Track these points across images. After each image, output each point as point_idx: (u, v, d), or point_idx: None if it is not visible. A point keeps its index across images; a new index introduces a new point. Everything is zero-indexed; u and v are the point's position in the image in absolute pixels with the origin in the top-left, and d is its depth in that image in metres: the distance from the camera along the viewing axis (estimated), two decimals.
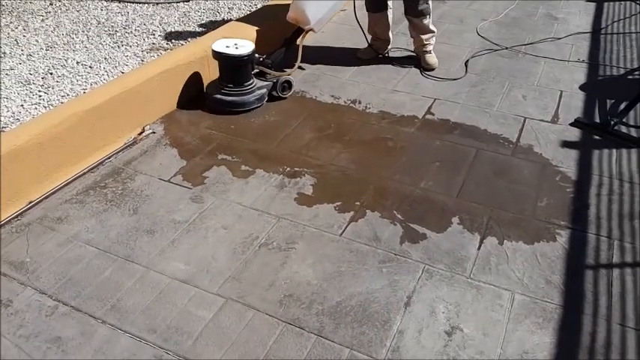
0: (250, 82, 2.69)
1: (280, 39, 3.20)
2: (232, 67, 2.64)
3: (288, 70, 2.85)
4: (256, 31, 3.01)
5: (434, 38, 3.11)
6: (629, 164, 2.34)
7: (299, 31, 2.89)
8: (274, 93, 2.77)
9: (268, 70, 2.76)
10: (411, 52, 3.21)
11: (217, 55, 2.61)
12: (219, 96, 2.66)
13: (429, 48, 3.11)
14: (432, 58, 3.11)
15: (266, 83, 2.74)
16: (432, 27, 3.07)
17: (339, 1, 2.89)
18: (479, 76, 3.04)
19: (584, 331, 1.63)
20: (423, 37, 3.07)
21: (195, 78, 2.78)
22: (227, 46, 2.60)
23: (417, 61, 3.16)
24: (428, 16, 3.01)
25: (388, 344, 1.59)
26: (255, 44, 3.02)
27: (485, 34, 3.51)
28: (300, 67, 3.00)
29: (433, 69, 3.10)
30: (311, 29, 2.87)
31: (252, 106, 2.69)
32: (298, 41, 2.91)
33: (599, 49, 3.35)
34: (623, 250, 1.91)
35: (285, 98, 2.79)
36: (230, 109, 2.66)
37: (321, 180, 2.25)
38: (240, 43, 2.64)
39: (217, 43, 2.63)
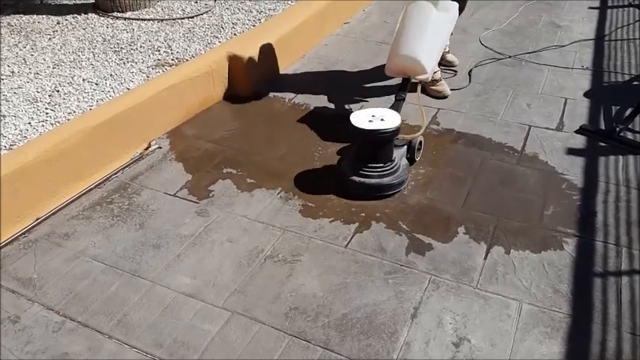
0: (394, 156, 2.23)
1: (287, 51, 3.24)
2: (380, 144, 2.17)
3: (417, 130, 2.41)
4: (264, 45, 3.04)
5: None
6: (635, 171, 2.33)
7: (405, 82, 2.53)
8: (408, 157, 2.33)
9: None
10: None
11: (364, 133, 2.12)
12: (365, 180, 2.19)
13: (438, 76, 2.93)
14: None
15: (401, 151, 2.29)
16: None
17: (443, 40, 2.52)
18: (483, 86, 3.04)
19: (594, 340, 1.61)
20: None
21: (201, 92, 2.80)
22: (370, 120, 2.14)
23: None
24: None
25: (395, 356, 1.58)
26: (265, 59, 3.05)
27: (488, 44, 3.51)
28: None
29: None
30: (426, 79, 2.53)
31: (402, 187, 2.24)
32: (415, 97, 2.54)
33: (603, 56, 3.34)
34: (632, 257, 1.90)
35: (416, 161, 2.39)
36: (376, 194, 2.20)
37: (327, 191, 2.25)
38: (378, 112, 2.20)
39: (354, 117, 2.16)
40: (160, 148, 2.56)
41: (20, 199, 2.05)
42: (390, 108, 2.32)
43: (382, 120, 2.15)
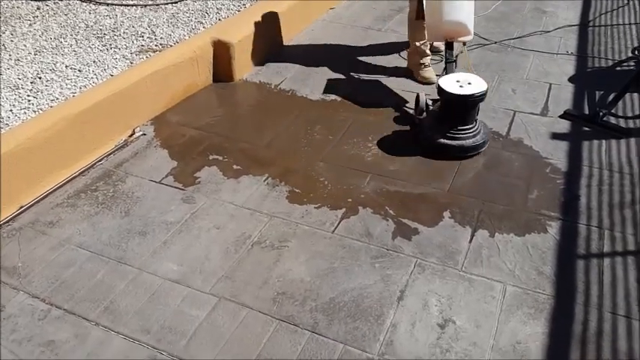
0: (477, 118, 2.39)
1: (272, 37, 3.21)
2: (472, 107, 2.32)
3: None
4: (249, 31, 3.01)
5: None
6: (618, 155, 2.36)
7: (450, 45, 2.68)
8: None
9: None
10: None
11: (461, 98, 2.26)
12: (463, 143, 2.33)
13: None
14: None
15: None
16: None
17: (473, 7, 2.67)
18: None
19: (576, 320, 1.64)
20: None
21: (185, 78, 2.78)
22: (460, 86, 2.28)
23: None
24: None
25: (382, 338, 1.60)
26: (250, 45, 3.02)
27: (474, 29, 3.51)
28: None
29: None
30: (470, 40, 2.74)
31: (485, 146, 2.38)
32: (463, 58, 2.78)
33: (588, 42, 3.36)
34: (614, 239, 1.93)
35: None
36: (472, 154, 2.35)
37: (313, 177, 2.25)
38: (462, 77, 2.34)
39: (445, 84, 2.30)
40: (145, 134, 2.54)
41: (3, 187, 2.02)
42: (444, 71, 2.54)
43: (470, 84, 2.30)
